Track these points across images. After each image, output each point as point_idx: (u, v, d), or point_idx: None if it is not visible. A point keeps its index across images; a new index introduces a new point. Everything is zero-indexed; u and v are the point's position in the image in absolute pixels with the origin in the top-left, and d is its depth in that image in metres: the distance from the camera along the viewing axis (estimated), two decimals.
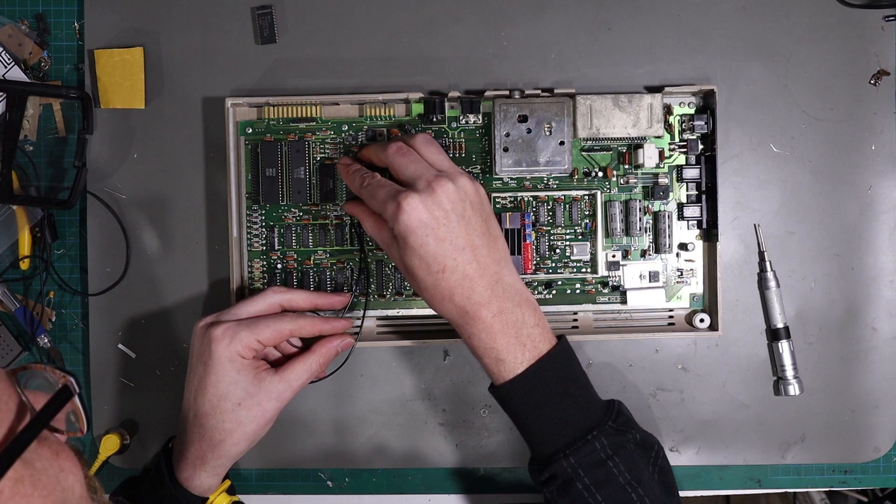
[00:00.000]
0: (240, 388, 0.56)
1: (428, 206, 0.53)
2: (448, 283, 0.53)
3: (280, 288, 0.61)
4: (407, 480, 0.67)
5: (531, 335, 0.55)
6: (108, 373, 0.66)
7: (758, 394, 0.66)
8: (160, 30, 0.65)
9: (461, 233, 0.53)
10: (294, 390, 0.58)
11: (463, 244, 0.53)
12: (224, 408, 0.56)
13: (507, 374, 0.54)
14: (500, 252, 0.56)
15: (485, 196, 0.57)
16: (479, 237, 0.54)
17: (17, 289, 0.67)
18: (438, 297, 0.54)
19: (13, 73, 0.65)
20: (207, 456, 0.57)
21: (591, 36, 0.65)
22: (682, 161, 0.65)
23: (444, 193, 0.53)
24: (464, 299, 0.54)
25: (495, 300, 0.54)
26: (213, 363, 0.56)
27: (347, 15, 0.65)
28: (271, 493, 0.67)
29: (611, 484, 0.53)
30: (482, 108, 0.63)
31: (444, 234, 0.53)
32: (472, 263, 0.54)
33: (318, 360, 0.59)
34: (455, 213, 0.53)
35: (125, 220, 0.65)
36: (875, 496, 1.20)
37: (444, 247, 0.53)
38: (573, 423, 0.54)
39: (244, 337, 0.56)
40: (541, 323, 0.56)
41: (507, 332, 0.54)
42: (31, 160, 0.66)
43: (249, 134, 0.64)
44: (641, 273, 0.65)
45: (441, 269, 0.53)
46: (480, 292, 0.54)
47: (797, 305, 0.66)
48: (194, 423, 0.57)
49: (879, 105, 0.65)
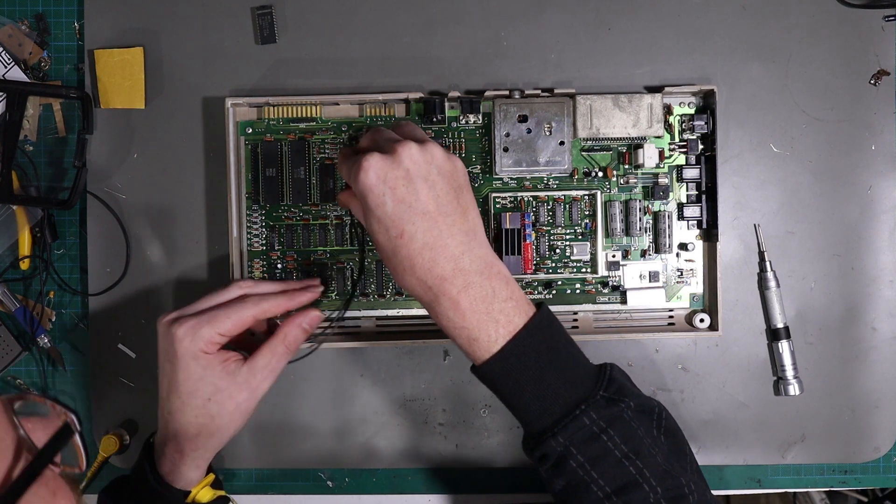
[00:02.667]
0: (207, 383, 0.54)
1: (388, 163, 0.50)
2: (408, 250, 0.50)
3: (246, 282, 0.58)
4: (407, 480, 0.67)
5: (504, 309, 0.51)
6: (108, 373, 0.66)
7: (758, 394, 0.66)
8: (160, 30, 0.65)
9: (424, 196, 0.50)
10: (266, 377, 0.56)
11: (424, 209, 0.50)
12: (194, 404, 0.54)
13: (483, 354, 0.51)
14: (469, 223, 0.52)
15: (461, 169, 0.53)
16: (445, 205, 0.51)
17: (17, 289, 0.67)
18: (400, 268, 0.51)
19: (13, 73, 0.65)
20: (185, 449, 0.56)
21: (591, 36, 0.65)
22: (682, 161, 0.65)
23: (406, 154, 0.50)
24: (425, 272, 0.50)
25: (460, 274, 0.50)
26: (178, 362, 0.54)
27: (347, 15, 0.65)
28: (271, 493, 0.67)
29: (606, 459, 0.49)
30: (482, 108, 0.63)
31: (403, 195, 0.50)
32: (433, 230, 0.50)
33: (282, 341, 0.56)
34: (419, 175, 0.50)
35: (125, 220, 0.65)
36: (875, 496, 1.20)
37: (402, 209, 0.50)
38: (560, 398, 0.51)
39: (205, 333, 0.54)
40: (514, 295, 0.52)
41: (477, 309, 0.50)
42: (31, 160, 0.66)
43: (249, 134, 0.64)
44: (641, 273, 0.65)
45: (399, 234, 0.50)
46: (443, 265, 0.50)
47: (797, 305, 0.66)
48: (169, 419, 0.56)
49: (879, 105, 0.65)
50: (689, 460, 0.53)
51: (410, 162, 0.50)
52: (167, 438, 0.56)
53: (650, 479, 0.49)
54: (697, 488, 0.51)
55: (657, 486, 0.49)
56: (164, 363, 0.55)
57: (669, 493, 0.49)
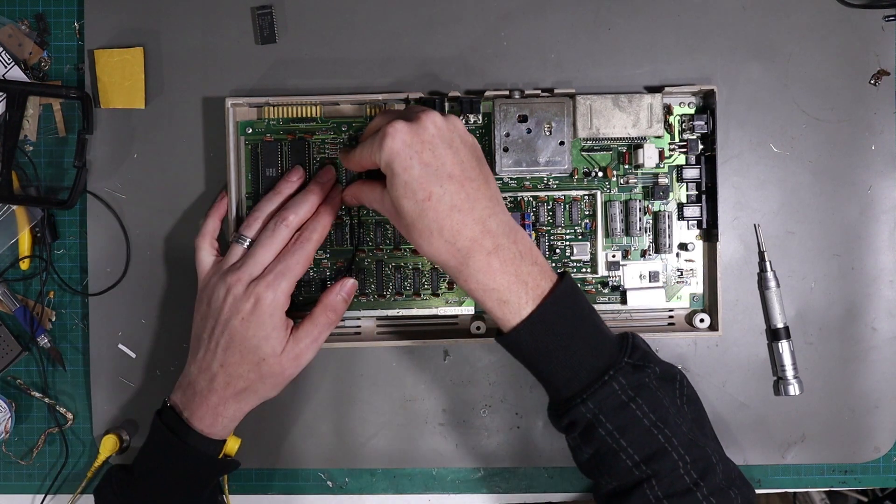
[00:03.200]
0: (269, 344, 0.57)
1: (413, 129, 0.51)
2: (436, 212, 0.50)
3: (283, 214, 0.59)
4: (407, 480, 0.67)
5: (531, 272, 0.52)
6: (108, 373, 0.66)
7: (758, 394, 0.66)
8: (160, 30, 0.65)
9: (450, 161, 0.51)
10: (309, 346, 0.58)
11: (451, 172, 0.51)
12: (251, 359, 0.57)
13: (513, 318, 0.51)
14: (491, 190, 0.53)
15: (478, 145, 0.55)
16: (470, 170, 0.52)
17: (17, 289, 0.67)
18: (426, 231, 0.51)
19: (13, 73, 0.65)
20: (230, 403, 0.58)
21: (591, 36, 0.65)
22: (682, 161, 0.65)
23: (430, 121, 0.51)
24: (454, 234, 0.50)
25: (489, 236, 0.51)
26: (254, 318, 0.56)
27: (347, 15, 0.65)
28: (271, 493, 0.67)
29: (635, 427, 0.50)
30: (482, 108, 0.63)
31: (429, 159, 0.51)
32: (460, 193, 0.51)
33: (323, 312, 0.59)
34: (443, 141, 0.51)
35: (125, 220, 0.65)
36: (875, 496, 1.20)
37: (430, 172, 0.50)
38: (587, 364, 0.51)
39: (284, 286, 0.57)
40: (538, 260, 0.53)
41: (507, 270, 0.51)
42: (31, 160, 0.66)
43: (249, 134, 0.64)
44: (641, 273, 0.65)
45: (427, 197, 0.50)
46: (472, 227, 0.51)
47: (797, 305, 0.66)
48: (219, 373, 0.57)
49: (879, 105, 0.65)
50: (708, 428, 0.54)
51: (434, 128, 0.51)
52: (208, 393, 0.57)
53: (678, 448, 0.51)
54: (721, 458, 0.53)
55: (685, 455, 0.51)
56: (227, 322, 0.57)
57: (698, 463, 0.51)
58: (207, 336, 0.58)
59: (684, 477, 0.50)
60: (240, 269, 0.58)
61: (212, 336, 0.58)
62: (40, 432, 0.67)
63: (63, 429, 0.67)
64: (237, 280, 0.57)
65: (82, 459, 0.67)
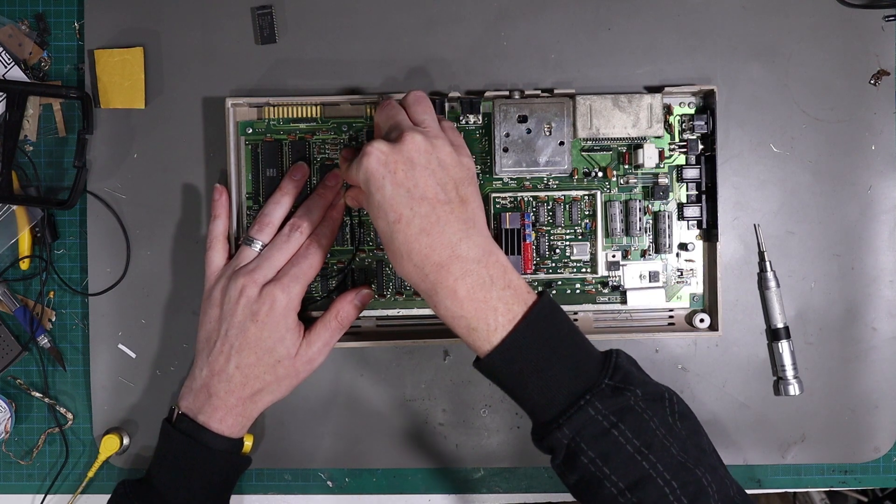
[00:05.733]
0: (284, 346, 0.58)
1: (391, 150, 0.51)
2: (405, 235, 0.49)
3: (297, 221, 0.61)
4: (407, 480, 0.67)
5: (502, 297, 0.50)
6: (108, 373, 0.66)
7: (758, 394, 0.66)
8: (160, 30, 0.65)
9: (423, 182, 0.50)
10: (321, 350, 0.60)
11: (422, 195, 0.50)
12: (267, 361, 0.58)
13: (483, 345, 0.50)
14: (468, 213, 0.51)
15: (466, 165, 0.54)
16: (444, 193, 0.51)
17: (17, 289, 0.67)
18: (398, 254, 0.50)
19: (13, 73, 0.65)
20: (246, 403, 0.58)
21: (591, 36, 0.65)
22: (682, 161, 0.65)
23: (411, 142, 0.51)
24: (422, 258, 0.49)
25: (457, 261, 0.49)
26: (268, 321, 0.57)
27: (347, 15, 0.65)
28: (271, 493, 0.67)
29: (618, 454, 0.48)
30: (482, 108, 0.63)
31: (402, 180, 0.50)
32: (430, 216, 0.50)
33: (335, 317, 0.60)
34: (420, 163, 0.50)
35: (125, 220, 0.65)
36: (875, 496, 1.20)
37: (401, 192, 0.50)
38: (564, 387, 0.49)
39: (296, 290, 0.58)
40: (513, 283, 0.51)
41: (475, 297, 0.49)
42: (31, 160, 0.66)
43: (249, 134, 0.64)
44: (641, 273, 0.65)
45: (397, 219, 0.50)
46: (440, 252, 0.49)
47: (797, 305, 0.66)
48: (235, 372, 0.58)
49: (879, 105, 0.65)
50: (705, 446, 0.51)
51: (413, 149, 0.51)
52: (227, 393, 0.58)
53: (664, 474, 0.48)
54: (716, 479, 0.49)
55: (672, 481, 0.48)
56: (241, 324, 0.57)
57: (687, 487, 0.48)
58: (220, 338, 0.58)
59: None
60: (253, 271, 0.58)
61: (226, 338, 0.58)
62: (40, 432, 0.67)
63: (63, 429, 0.67)
64: (252, 282, 0.58)
65: (82, 459, 0.67)
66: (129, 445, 0.66)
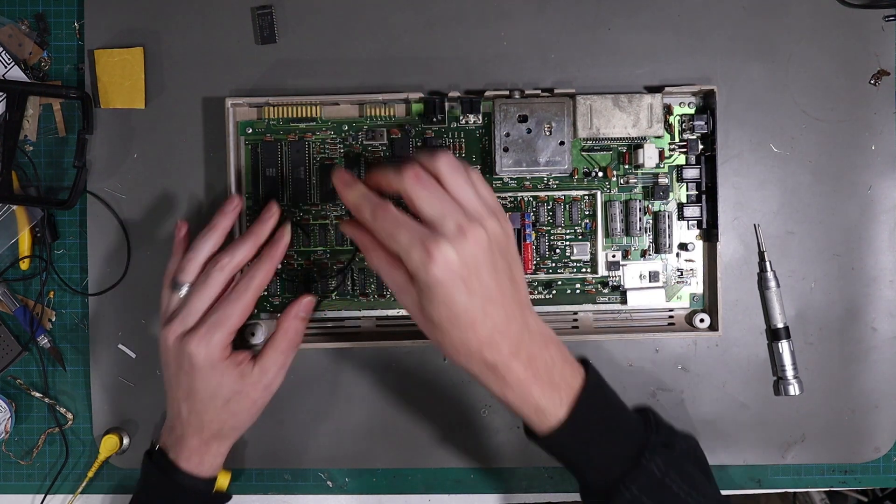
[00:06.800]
0: (225, 388, 0.57)
1: (461, 256, 0.47)
2: (477, 338, 0.49)
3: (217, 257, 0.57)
4: (407, 480, 0.67)
5: (563, 375, 0.51)
6: (108, 373, 0.66)
7: (758, 394, 0.66)
8: (160, 30, 0.65)
9: (492, 284, 0.49)
10: (276, 374, 0.59)
11: (491, 297, 0.49)
12: (215, 405, 0.57)
13: (549, 422, 0.51)
14: (522, 295, 0.52)
15: (512, 235, 0.52)
16: (505, 285, 0.50)
17: (17, 289, 0.67)
18: (465, 353, 0.50)
19: (13, 73, 0.65)
20: (211, 443, 0.58)
21: (591, 36, 0.65)
22: (682, 161, 0.65)
23: (476, 243, 0.48)
24: (493, 353, 0.49)
25: (524, 348, 0.50)
26: (196, 373, 0.56)
27: (347, 15, 0.65)
28: (271, 493, 0.67)
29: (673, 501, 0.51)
30: (482, 108, 0.63)
31: (475, 287, 0.48)
32: (500, 314, 0.49)
33: (284, 337, 0.59)
34: (486, 263, 0.48)
35: (125, 220, 0.65)
36: (875, 496, 1.20)
37: (475, 300, 0.48)
38: (624, 451, 0.51)
39: (218, 339, 0.55)
40: (567, 358, 0.52)
41: (541, 379, 0.50)
42: (31, 160, 0.66)
43: (249, 134, 0.64)
44: (641, 273, 0.65)
45: (471, 324, 0.48)
46: (509, 345, 0.50)
47: (797, 305, 0.66)
48: (190, 419, 0.57)
49: (879, 105, 0.65)
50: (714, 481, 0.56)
51: (480, 251, 0.48)
52: (187, 436, 0.58)
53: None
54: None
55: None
56: (177, 375, 0.57)
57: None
58: (169, 385, 0.58)
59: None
60: (174, 321, 0.56)
61: (172, 386, 0.58)
62: (40, 432, 0.67)
63: (63, 429, 0.67)
64: (171, 333, 0.56)
65: (82, 459, 0.67)
66: (129, 445, 0.66)
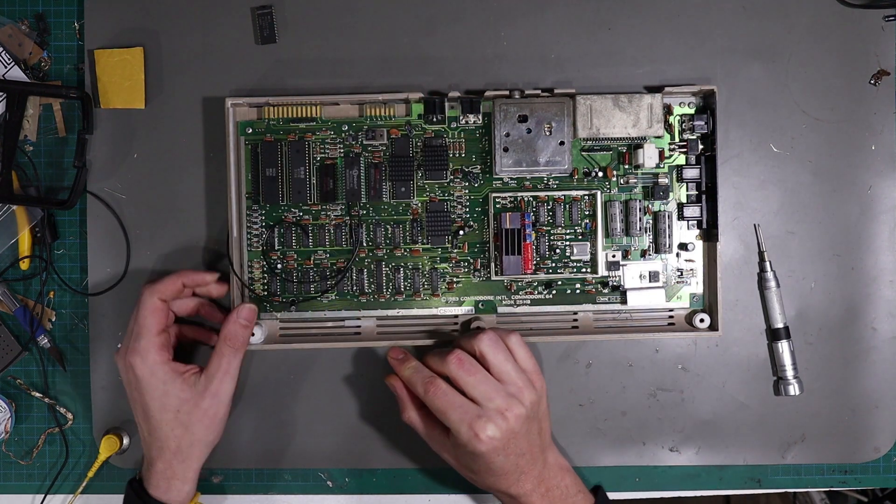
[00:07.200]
0: (172, 396, 0.59)
1: (502, 432, 0.56)
2: (507, 481, 0.58)
3: (148, 285, 0.61)
4: (407, 480, 0.67)
5: (576, 502, 0.60)
6: (108, 373, 0.66)
7: (758, 394, 0.66)
8: (160, 30, 0.65)
9: (524, 444, 0.58)
10: (223, 380, 0.59)
11: (523, 451, 0.58)
12: (166, 419, 0.59)
13: None
14: (546, 440, 0.60)
15: (544, 394, 0.60)
16: (536, 438, 0.59)
17: (17, 289, 0.67)
18: (494, 489, 0.60)
19: (13, 73, 0.65)
20: (174, 464, 0.60)
21: (591, 36, 0.65)
22: (682, 161, 0.65)
23: (515, 419, 0.56)
24: (518, 489, 0.59)
25: (543, 483, 0.59)
26: (140, 384, 0.59)
27: (347, 15, 0.65)
28: (271, 493, 0.67)
29: None
30: (482, 108, 0.63)
31: (511, 450, 0.57)
32: (528, 464, 0.58)
33: (225, 342, 0.60)
34: (523, 432, 0.57)
35: (125, 220, 0.65)
36: (875, 496, 1.20)
37: (511, 460, 0.57)
38: None
39: (144, 344, 0.59)
40: (580, 487, 0.61)
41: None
42: (31, 160, 0.66)
43: (249, 134, 0.64)
44: (641, 273, 0.65)
45: (504, 475, 0.58)
46: (532, 482, 0.59)
47: (797, 305, 0.66)
48: (151, 441, 0.60)
49: (879, 105, 0.65)
50: None
51: (519, 426, 0.57)
52: (154, 460, 0.60)
53: None
54: None
55: None
56: (132, 393, 0.60)
57: None
58: (134, 411, 0.61)
59: None
60: (120, 348, 0.61)
61: (134, 411, 0.61)
62: (40, 432, 0.67)
63: (63, 429, 0.67)
64: (118, 357, 0.61)
65: (82, 459, 0.67)
66: (129, 445, 0.66)
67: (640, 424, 0.66)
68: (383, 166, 0.64)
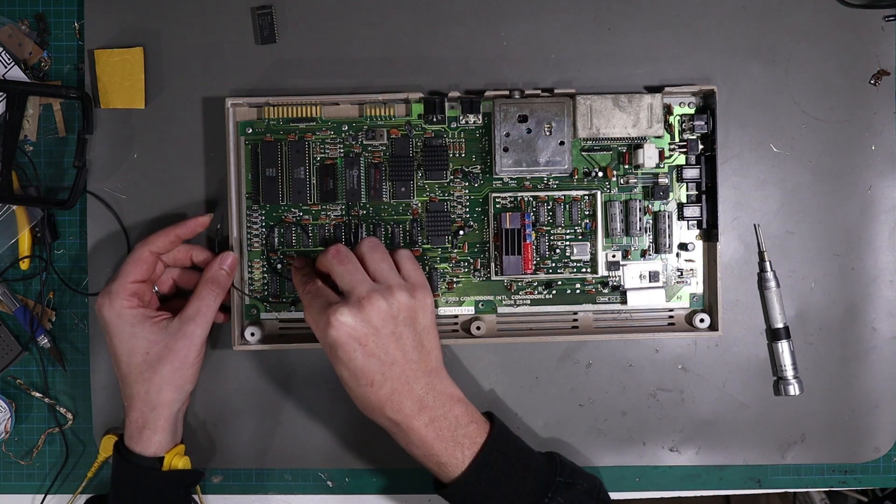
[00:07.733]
0: (141, 338, 0.58)
1: (357, 321, 0.53)
2: (377, 396, 0.54)
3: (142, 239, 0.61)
4: (407, 480, 0.67)
5: (467, 433, 0.55)
6: (108, 373, 0.66)
7: (758, 394, 0.66)
8: (160, 30, 0.65)
9: (392, 348, 0.54)
10: (199, 323, 0.59)
11: (393, 359, 0.54)
12: (136, 362, 0.58)
13: (452, 473, 0.55)
14: (432, 363, 0.56)
15: (428, 308, 0.57)
16: (411, 351, 0.55)
17: (17, 289, 0.67)
18: (369, 408, 0.55)
19: (13, 73, 0.65)
20: (144, 411, 0.59)
21: (591, 36, 0.65)
22: (682, 161, 0.65)
23: (374, 310, 0.53)
24: (395, 412, 0.54)
25: (426, 410, 0.55)
26: (109, 327, 0.58)
27: (347, 15, 0.65)
28: (271, 493, 0.67)
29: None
30: (482, 108, 0.63)
31: (372, 349, 0.54)
32: (401, 378, 0.54)
33: (205, 285, 0.60)
34: (385, 328, 0.54)
35: (125, 220, 0.65)
36: (875, 496, 1.20)
37: (372, 362, 0.54)
38: (526, 492, 0.55)
39: (116, 287, 0.58)
40: (474, 417, 0.57)
41: (444, 438, 0.55)
42: (31, 160, 0.66)
43: (249, 134, 0.64)
44: (641, 273, 0.65)
45: (369, 383, 0.54)
46: (410, 405, 0.54)
47: (797, 305, 0.66)
48: (123, 389, 0.59)
49: (879, 105, 0.65)
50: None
51: (378, 318, 0.54)
52: (128, 410, 0.60)
53: None
54: None
55: None
56: (107, 340, 0.60)
57: None
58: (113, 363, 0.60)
59: None
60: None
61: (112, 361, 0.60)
62: (40, 432, 0.67)
63: (63, 429, 0.67)
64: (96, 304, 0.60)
65: (82, 459, 0.67)
66: None
67: (640, 424, 0.66)
68: (383, 166, 0.64)
